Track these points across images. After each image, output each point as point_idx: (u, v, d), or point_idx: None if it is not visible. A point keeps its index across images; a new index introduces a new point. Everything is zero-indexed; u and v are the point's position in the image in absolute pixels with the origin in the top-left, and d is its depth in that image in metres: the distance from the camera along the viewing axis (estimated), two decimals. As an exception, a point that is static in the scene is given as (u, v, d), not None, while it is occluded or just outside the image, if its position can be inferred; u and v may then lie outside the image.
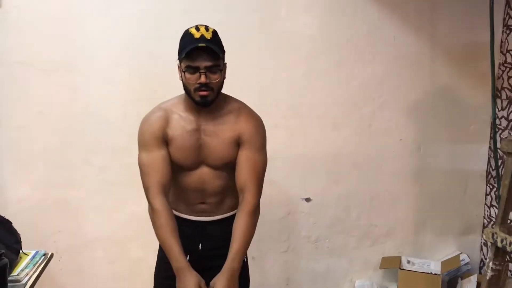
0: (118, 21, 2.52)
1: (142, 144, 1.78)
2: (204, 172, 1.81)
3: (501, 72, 2.76)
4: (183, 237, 1.81)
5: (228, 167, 1.82)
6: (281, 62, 2.66)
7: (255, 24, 2.61)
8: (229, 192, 1.88)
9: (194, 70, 1.66)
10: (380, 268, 2.92)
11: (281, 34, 2.64)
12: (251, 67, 2.62)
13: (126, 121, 2.54)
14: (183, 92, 1.78)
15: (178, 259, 1.71)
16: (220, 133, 1.77)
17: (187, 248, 1.82)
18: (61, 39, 2.49)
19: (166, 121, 1.77)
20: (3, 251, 1.59)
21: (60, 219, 2.64)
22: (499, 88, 2.77)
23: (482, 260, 3.01)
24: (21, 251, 1.90)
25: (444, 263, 2.88)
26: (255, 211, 1.79)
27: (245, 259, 1.94)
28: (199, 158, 1.79)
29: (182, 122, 1.77)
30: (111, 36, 2.52)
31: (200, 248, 1.86)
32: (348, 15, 2.67)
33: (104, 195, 2.65)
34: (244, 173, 1.79)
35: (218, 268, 1.83)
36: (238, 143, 1.80)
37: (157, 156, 1.75)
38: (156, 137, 1.76)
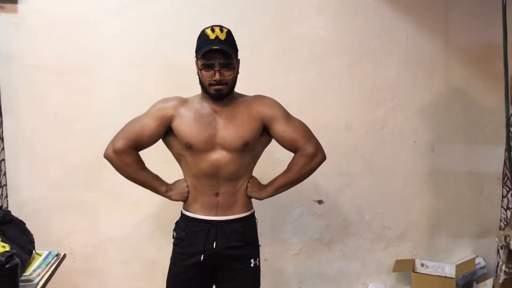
0: (132, 24, 2.56)
1: (148, 112, 1.93)
2: (218, 157, 1.85)
3: (516, 72, 2.72)
4: (198, 237, 1.89)
5: (243, 150, 1.86)
6: (293, 64, 2.67)
7: (267, 26, 2.62)
8: (242, 184, 1.93)
9: (209, 67, 1.79)
10: (393, 271, 2.89)
11: (293, 35, 2.64)
12: (263, 69, 2.63)
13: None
14: (196, 93, 1.92)
15: (163, 184, 1.97)
16: (237, 116, 1.87)
17: (202, 247, 1.88)
18: (75, 43, 2.54)
19: (180, 104, 1.89)
20: (14, 251, 1.61)
21: (75, 220, 2.69)
22: (514, 89, 2.73)
23: (498, 263, 2.96)
24: (34, 251, 1.93)
25: (459, 267, 2.84)
26: (313, 156, 1.94)
27: (258, 263, 1.96)
28: (212, 140, 1.84)
29: (197, 106, 1.88)
30: (125, 39, 2.57)
31: (214, 247, 1.88)
32: (360, 16, 2.66)
33: (118, 196, 2.68)
34: (293, 140, 1.91)
35: (232, 269, 1.92)
36: (259, 122, 1.88)
37: (150, 127, 1.88)
38: (161, 114, 1.88)
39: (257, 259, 1.97)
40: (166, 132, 1.91)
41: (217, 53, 1.77)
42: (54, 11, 2.52)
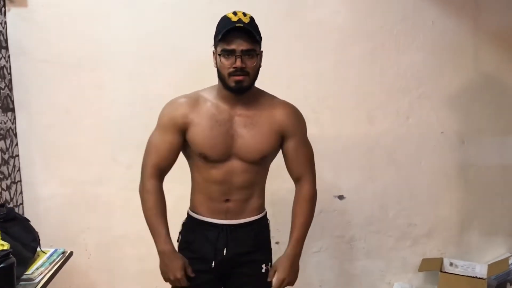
0: (141, 15, 2.50)
1: (159, 124, 1.78)
2: (233, 166, 1.74)
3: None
4: (206, 242, 1.79)
5: (260, 162, 1.76)
6: (310, 52, 2.57)
7: (281, 13, 2.53)
8: (256, 190, 1.82)
9: (229, 53, 1.62)
10: (419, 270, 2.76)
11: (309, 22, 2.55)
12: (279, 58, 2.52)
13: (152, 117, 2.50)
14: (209, 86, 1.78)
15: (166, 241, 1.76)
16: (257, 125, 1.73)
17: (212, 254, 1.79)
18: (85, 36, 2.49)
19: (192, 107, 1.72)
20: (10, 250, 1.58)
21: (89, 216, 2.64)
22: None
23: (535, 263, 2.78)
24: (39, 249, 1.90)
25: (491, 266, 2.69)
26: (313, 198, 1.84)
27: (269, 268, 1.86)
28: (228, 150, 1.72)
29: (212, 109, 1.72)
30: (134, 32, 2.51)
31: (224, 254, 1.79)
32: (381, -1, 2.54)
33: (131, 192, 2.60)
34: (297, 164, 1.80)
35: (243, 275, 1.83)
36: (279, 135, 1.76)
37: (167, 140, 1.74)
38: (174, 123, 1.73)
39: (269, 264, 1.87)
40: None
41: (239, 38, 1.60)
42: (64, 5, 2.47)
